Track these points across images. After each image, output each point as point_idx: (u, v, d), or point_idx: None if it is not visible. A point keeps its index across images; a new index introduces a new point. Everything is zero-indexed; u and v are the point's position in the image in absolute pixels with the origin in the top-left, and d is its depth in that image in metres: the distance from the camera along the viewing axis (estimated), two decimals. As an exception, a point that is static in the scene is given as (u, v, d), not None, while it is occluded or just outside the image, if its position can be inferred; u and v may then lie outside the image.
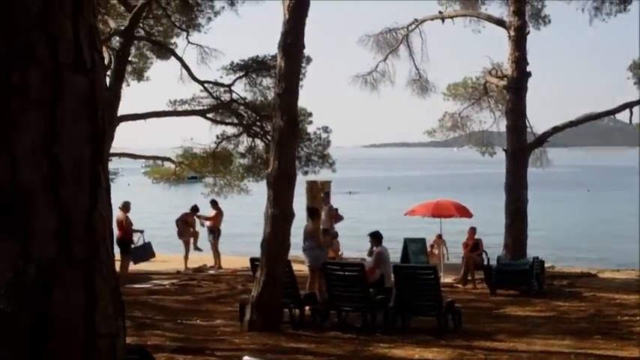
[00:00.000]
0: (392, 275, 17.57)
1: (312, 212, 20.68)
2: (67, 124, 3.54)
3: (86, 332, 3.45)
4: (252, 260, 17.94)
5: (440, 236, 27.37)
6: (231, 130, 31.32)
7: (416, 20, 31.57)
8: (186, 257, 28.81)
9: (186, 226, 29.21)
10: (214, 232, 29.01)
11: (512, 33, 28.05)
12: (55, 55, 3.54)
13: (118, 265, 17.25)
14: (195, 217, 29.60)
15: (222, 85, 30.31)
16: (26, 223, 3.44)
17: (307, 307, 17.25)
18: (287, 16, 16.59)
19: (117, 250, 20.91)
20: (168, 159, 33.55)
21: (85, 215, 3.54)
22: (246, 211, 44.49)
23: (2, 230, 3.43)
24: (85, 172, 3.57)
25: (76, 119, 3.58)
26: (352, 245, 30.95)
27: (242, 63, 30.35)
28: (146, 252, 26.37)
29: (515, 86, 28.08)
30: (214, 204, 29.91)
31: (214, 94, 30.56)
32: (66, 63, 3.56)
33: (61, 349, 3.39)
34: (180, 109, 30.64)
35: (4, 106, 3.47)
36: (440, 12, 31.82)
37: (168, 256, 30.00)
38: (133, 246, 25.58)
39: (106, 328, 3.52)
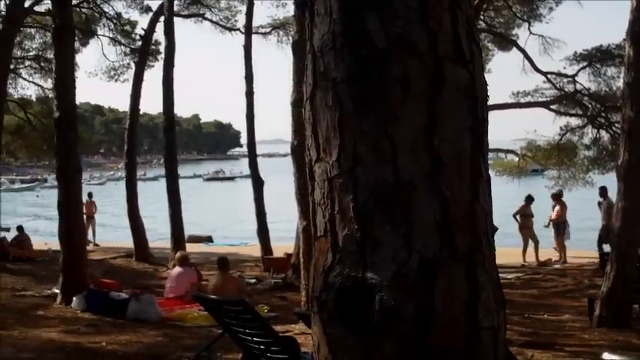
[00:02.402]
0: None
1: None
2: (447, 115, 3.55)
3: (469, 325, 3.43)
4: (602, 255, 17.47)
5: None
6: (575, 122, 30.70)
7: None
8: (525, 251, 28.57)
9: (525, 218, 28.88)
10: (559, 225, 28.36)
11: None
12: (434, 47, 3.55)
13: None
14: (531, 208, 29.21)
15: (565, 75, 29.84)
16: (408, 215, 3.47)
17: (659, 304, 16.55)
18: (635, 3, 15.96)
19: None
20: (512, 151, 33.46)
21: (467, 207, 3.53)
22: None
23: (385, 222, 3.49)
24: (466, 163, 3.56)
25: (456, 111, 3.58)
26: None
27: (585, 53, 29.74)
28: None
29: None
30: (557, 197, 29.24)
31: (557, 85, 30.09)
32: (445, 55, 3.57)
33: (443, 340, 3.40)
34: (523, 100, 30.45)
35: (386, 99, 3.53)
36: None
37: (514, 250, 29.84)
38: None
39: (488, 321, 3.49)
